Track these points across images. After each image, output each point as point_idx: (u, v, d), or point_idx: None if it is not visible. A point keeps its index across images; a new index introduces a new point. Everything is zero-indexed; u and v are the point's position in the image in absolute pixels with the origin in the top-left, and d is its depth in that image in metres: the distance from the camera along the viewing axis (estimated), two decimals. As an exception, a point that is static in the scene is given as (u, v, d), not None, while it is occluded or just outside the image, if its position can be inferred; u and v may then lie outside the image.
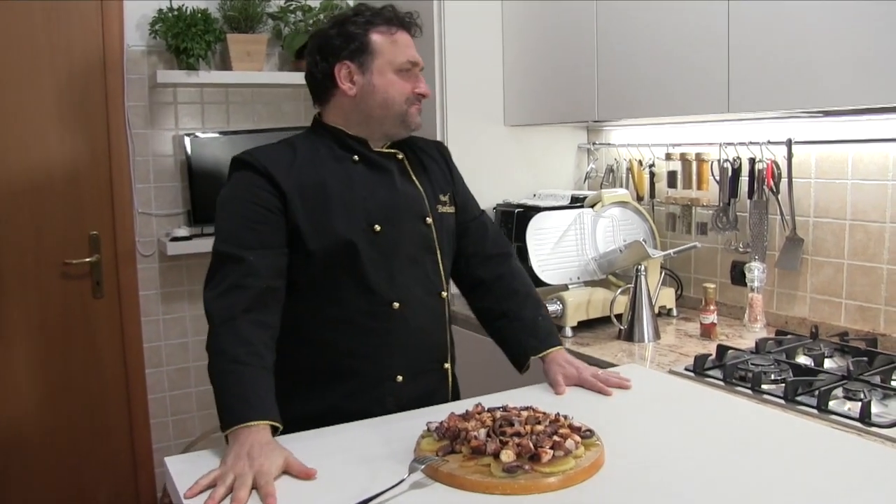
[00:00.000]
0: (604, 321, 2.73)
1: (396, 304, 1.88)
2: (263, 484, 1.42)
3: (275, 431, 1.59)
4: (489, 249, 2.13)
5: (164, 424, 3.70)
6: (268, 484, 1.42)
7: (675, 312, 2.92)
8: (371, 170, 1.92)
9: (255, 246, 1.77)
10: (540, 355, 2.01)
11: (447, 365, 2.02)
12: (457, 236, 2.08)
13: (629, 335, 2.60)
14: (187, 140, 3.51)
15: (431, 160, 2.07)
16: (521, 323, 2.05)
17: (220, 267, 1.78)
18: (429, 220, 1.95)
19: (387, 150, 1.97)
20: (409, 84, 1.91)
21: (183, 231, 3.51)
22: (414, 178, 1.99)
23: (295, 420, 1.74)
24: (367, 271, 1.85)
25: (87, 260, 3.45)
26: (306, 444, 1.62)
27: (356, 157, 1.92)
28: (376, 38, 1.88)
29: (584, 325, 2.73)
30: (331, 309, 1.87)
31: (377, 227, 1.86)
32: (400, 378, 1.90)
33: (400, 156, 1.98)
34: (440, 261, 1.98)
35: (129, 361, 3.58)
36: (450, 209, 2.04)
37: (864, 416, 1.77)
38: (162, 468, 3.61)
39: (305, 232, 1.81)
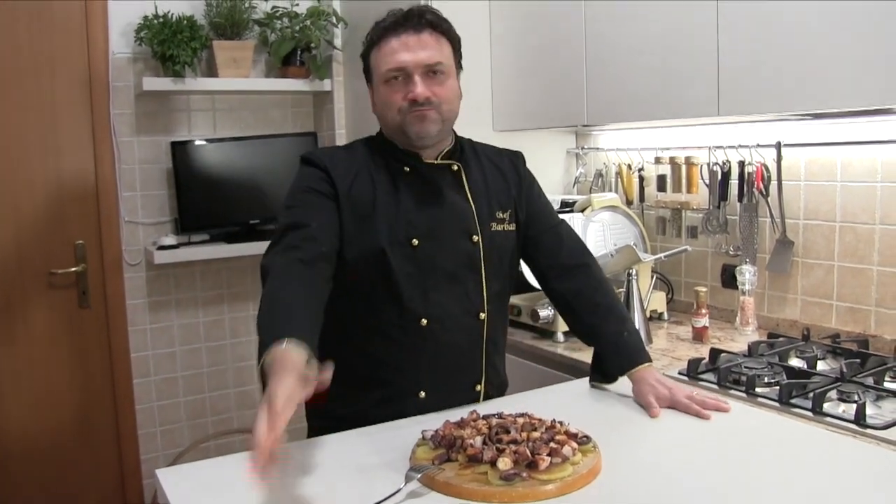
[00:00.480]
0: (595, 326, 2.72)
1: (425, 321, 1.85)
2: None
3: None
4: (564, 260, 2.03)
5: (153, 435, 3.67)
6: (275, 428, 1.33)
7: (666, 316, 2.92)
8: (421, 182, 1.90)
9: (315, 219, 1.79)
10: (628, 374, 1.91)
11: (479, 387, 1.96)
12: (529, 250, 2.04)
13: (621, 339, 2.59)
14: (174, 147, 3.48)
15: (498, 172, 2.01)
16: (605, 340, 1.97)
17: (282, 234, 1.78)
18: (475, 237, 1.90)
19: (441, 162, 1.93)
20: (397, 93, 1.84)
21: (170, 239, 3.48)
22: (468, 191, 1.93)
23: (328, 419, 1.77)
24: (399, 285, 1.83)
25: (73, 269, 3.42)
26: (301, 453, 1.61)
27: (407, 169, 1.90)
28: (371, 55, 1.90)
29: (576, 330, 2.72)
30: (364, 317, 1.87)
31: (415, 242, 1.84)
32: (423, 394, 1.88)
33: (455, 167, 1.94)
34: (484, 280, 1.92)
35: (117, 371, 3.55)
36: (508, 227, 1.97)
37: (859, 418, 1.77)
38: (150, 479, 3.61)
39: (346, 236, 1.82)
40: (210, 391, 3.79)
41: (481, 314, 1.93)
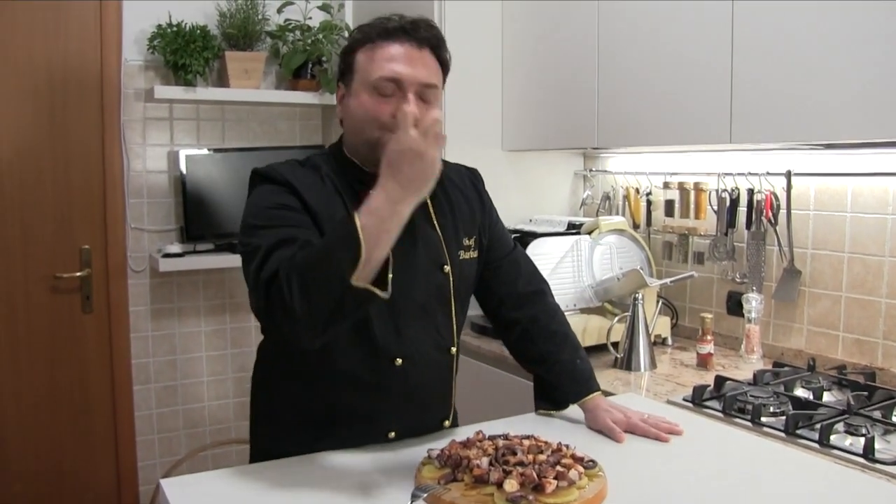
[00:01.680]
0: (600, 349, 2.71)
1: (399, 361, 1.72)
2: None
3: None
4: (521, 288, 1.96)
5: (150, 442, 3.66)
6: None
7: (670, 341, 2.91)
8: None
9: (300, 234, 1.57)
10: (581, 401, 1.88)
11: (447, 422, 1.89)
12: (486, 277, 1.93)
13: (625, 364, 2.59)
14: (182, 156, 3.49)
15: (460, 194, 1.88)
16: (560, 367, 1.90)
17: (267, 254, 1.52)
18: (447, 268, 1.78)
19: None
20: (386, 106, 1.63)
21: (175, 247, 3.48)
22: (435, 220, 1.79)
23: (268, 457, 1.69)
24: (371, 321, 1.68)
25: (78, 274, 3.41)
26: (305, 470, 1.60)
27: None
28: (358, 54, 1.69)
29: (580, 353, 2.71)
30: (330, 359, 1.70)
31: (389, 275, 1.49)
32: (392, 435, 1.76)
33: None
34: (454, 314, 1.82)
35: (117, 377, 3.54)
36: (473, 254, 1.86)
37: (868, 452, 1.76)
38: (146, 486, 3.59)
39: None
40: (209, 400, 3.77)
41: (452, 349, 1.84)
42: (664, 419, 1.85)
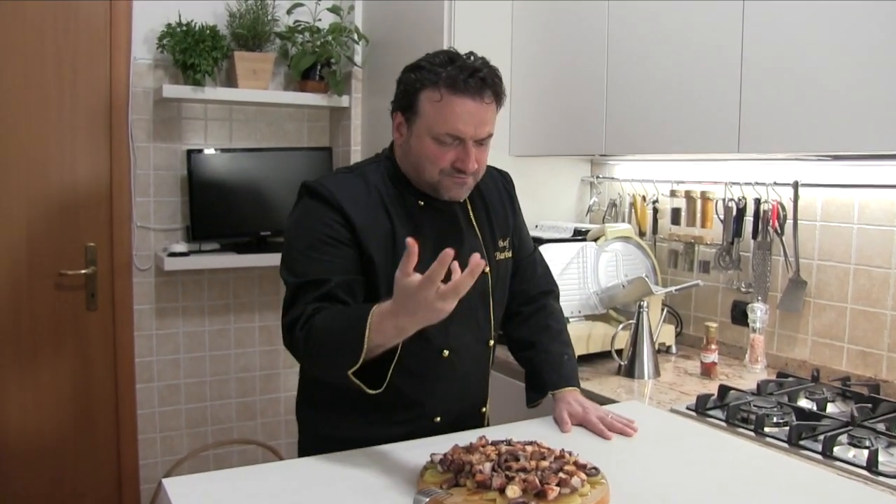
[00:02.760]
0: (604, 356, 2.71)
1: (446, 352, 1.88)
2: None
3: None
4: (533, 287, 2.14)
5: (152, 441, 3.66)
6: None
7: (674, 350, 2.91)
8: (437, 216, 1.87)
9: (330, 272, 1.73)
10: (555, 392, 2.00)
11: (484, 409, 2.06)
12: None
13: (629, 371, 2.58)
14: (189, 155, 3.49)
15: (496, 197, 2.03)
16: (547, 356, 2.06)
17: (296, 295, 1.73)
18: (486, 269, 1.91)
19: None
20: (447, 154, 1.76)
21: (181, 247, 3.48)
22: (475, 224, 1.95)
23: (326, 441, 1.75)
24: None
25: (83, 271, 3.42)
26: (308, 471, 1.60)
27: (422, 203, 1.86)
28: (424, 97, 1.76)
29: (584, 360, 2.70)
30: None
31: None
32: (438, 419, 1.93)
33: (463, 200, 1.92)
34: (492, 310, 1.97)
35: (120, 375, 3.54)
36: (507, 255, 2.02)
37: (871, 465, 1.75)
38: (148, 484, 3.60)
39: (375, 269, 1.78)
40: (212, 400, 3.78)
41: (490, 341, 2.00)
42: (622, 419, 1.90)
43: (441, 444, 1.64)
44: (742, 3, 2.29)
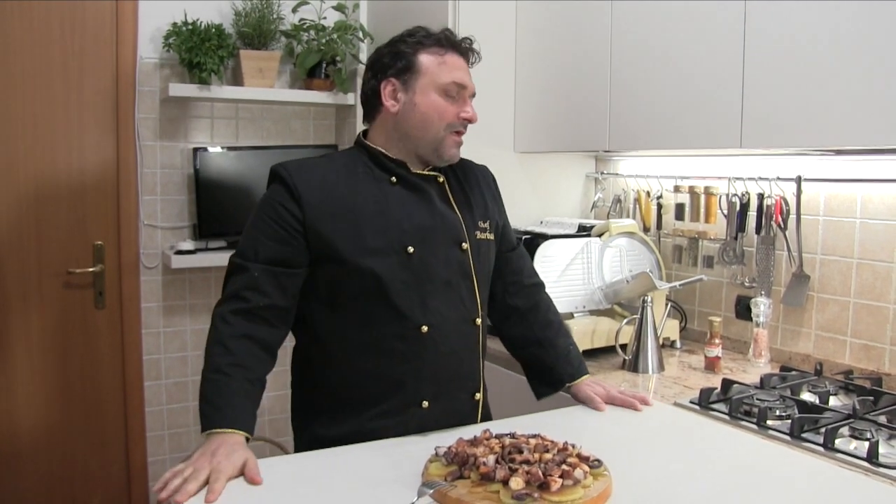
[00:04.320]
0: (608, 351, 2.73)
1: (425, 328, 1.86)
2: (213, 480, 1.51)
3: (247, 440, 1.67)
4: (525, 280, 2.18)
5: (160, 438, 3.69)
6: (216, 481, 1.50)
7: (678, 344, 2.92)
8: (409, 192, 1.90)
9: (263, 261, 1.79)
10: (575, 382, 2.09)
11: (478, 395, 2.00)
12: (499, 264, 2.11)
13: (633, 366, 2.60)
14: (196, 153, 3.51)
15: (475, 185, 2.07)
16: (555, 350, 2.11)
17: (229, 275, 1.84)
18: (465, 245, 1.93)
19: (427, 173, 1.95)
20: (453, 107, 1.88)
21: (188, 244, 3.50)
22: (453, 203, 1.97)
23: (320, 442, 1.77)
24: (397, 294, 1.83)
25: (91, 270, 3.44)
26: (314, 464, 1.62)
27: (394, 179, 1.90)
28: (424, 57, 1.88)
29: (589, 355, 2.71)
30: (359, 331, 1.86)
31: (410, 249, 1.84)
32: (426, 404, 1.89)
33: (441, 179, 1.97)
34: (476, 287, 1.96)
35: (128, 373, 3.56)
36: (489, 236, 2.03)
37: (872, 456, 1.76)
38: (156, 482, 3.61)
39: (334, 251, 1.81)
40: (219, 397, 3.79)
41: (477, 320, 1.97)
42: (635, 392, 2.10)
43: (445, 438, 1.66)
44: (744, -1, 2.31)
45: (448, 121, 1.87)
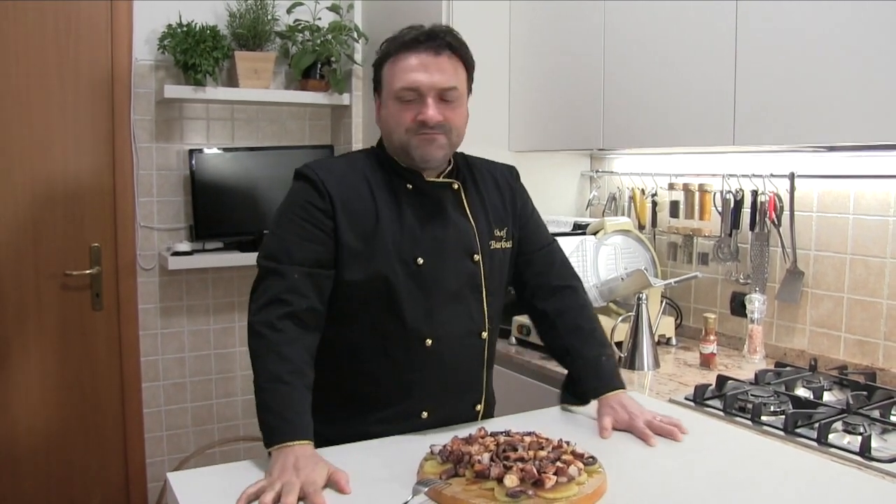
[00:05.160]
0: (603, 348, 2.73)
1: (429, 341, 1.83)
2: (312, 492, 1.45)
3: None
4: (553, 282, 2.03)
5: (159, 439, 3.69)
6: (316, 493, 1.45)
7: (674, 341, 2.93)
8: (424, 201, 1.87)
9: (298, 263, 1.75)
10: (600, 398, 1.91)
11: (479, 407, 1.97)
12: (520, 267, 2.03)
13: (629, 363, 2.61)
14: (192, 155, 3.52)
15: (495, 188, 2.00)
16: (583, 362, 1.96)
17: (262, 280, 1.78)
18: (477, 257, 1.89)
19: (442, 181, 1.90)
20: (409, 112, 1.80)
21: (184, 246, 3.51)
22: (468, 210, 1.91)
23: (317, 438, 1.75)
24: (403, 304, 1.81)
25: (88, 272, 3.45)
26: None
27: (410, 187, 1.87)
28: (386, 67, 1.84)
29: (584, 352, 2.73)
30: (365, 337, 1.85)
31: (420, 261, 1.81)
32: (425, 415, 1.87)
33: (456, 185, 1.91)
34: (485, 299, 1.91)
35: (126, 374, 3.57)
36: (505, 244, 1.96)
37: (864, 451, 1.78)
38: (155, 483, 3.62)
39: (351, 254, 1.78)
40: (217, 398, 3.81)
41: (483, 333, 1.92)
42: (670, 420, 1.84)
43: (440, 437, 1.67)
44: (735, -4, 2.32)
45: (405, 126, 1.80)
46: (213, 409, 3.81)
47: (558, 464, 1.45)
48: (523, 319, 2.88)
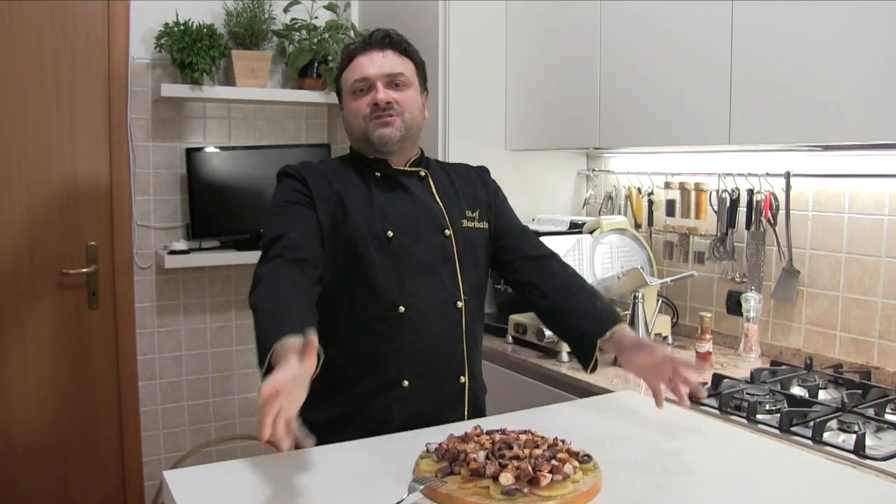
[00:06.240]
0: (599, 347, 2.74)
1: (402, 308, 1.91)
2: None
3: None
4: (529, 252, 2.11)
5: (155, 438, 3.69)
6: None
7: (670, 340, 2.93)
8: (392, 184, 2.01)
9: (295, 228, 1.87)
10: (606, 337, 1.93)
11: (464, 379, 2.01)
12: (498, 250, 2.11)
13: (625, 361, 2.61)
14: (189, 154, 3.52)
15: (465, 182, 2.12)
16: (578, 309, 2.00)
17: (267, 247, 1.86)
18: (448, 232, 1.99)
19: (409, 169, 2.04)
20: (362, 101, 1.97)
21: (181, 244, 3.51)
22: (436, 195, 2.04)
23: (308, 426, 1.75)
24: (376, 275, 1.91)
25: (84, 270, 3.45)
26: (306, 462, 1.63)
27: (378, 174, 2.00)
28: (344, 74, 2.02)
29: (580, 350, 2.73)
30: (341, 312, 1.93)
31: (390, 234, 1.92)
32: (406, 383, 1.93)
33: (423, 173, 2.05)
34: (458, 271, 1.99)
35: (123, 373, 3.57)
36: (479, 224, 2.07)
37: (859, 449, 1.78)
38: (151, 481, 3.62)
39: (326, 235, 1.90)
40: (214, 396, 3.81)
41: (458, 302, 1.99)
42: (686, 364, 1.85)
43: (436, 435, 1.67)
44: (731, -4, 2.32)
45: (362, 114, 1.96)
46: (210, 408, 3.81)
47: (553, 462, 1.46)
48: (519, 318, 2.88)
